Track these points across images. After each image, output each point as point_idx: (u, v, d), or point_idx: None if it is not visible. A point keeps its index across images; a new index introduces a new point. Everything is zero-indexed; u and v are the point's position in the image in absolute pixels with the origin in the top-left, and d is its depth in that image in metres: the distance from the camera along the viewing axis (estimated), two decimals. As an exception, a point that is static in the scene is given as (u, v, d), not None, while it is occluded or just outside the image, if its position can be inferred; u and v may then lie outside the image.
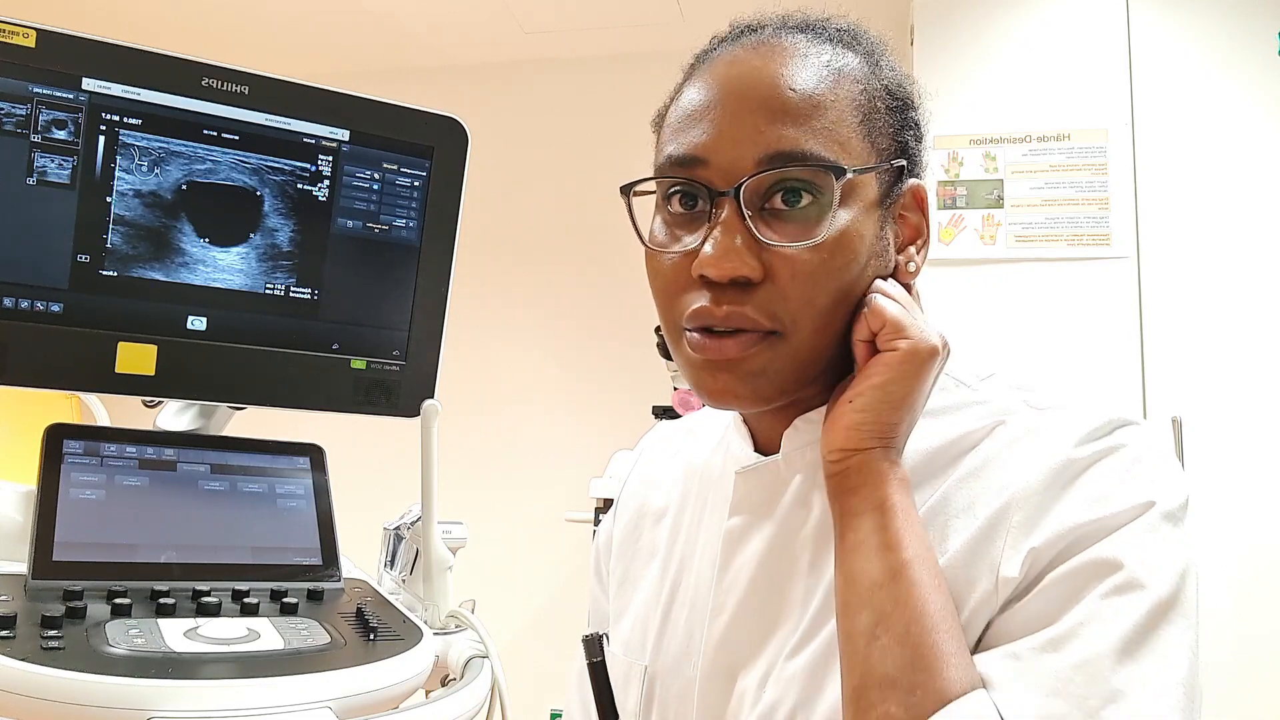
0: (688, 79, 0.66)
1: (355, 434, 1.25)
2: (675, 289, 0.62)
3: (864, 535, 0.57)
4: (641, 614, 0.75)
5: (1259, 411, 2.17)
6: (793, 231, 0.59)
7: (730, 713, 0.65)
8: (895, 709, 0.51)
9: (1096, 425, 0.59)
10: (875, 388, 0.59)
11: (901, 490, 0.58)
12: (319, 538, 0.75)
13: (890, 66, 0.66)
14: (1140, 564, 0.53)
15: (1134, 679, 0.49)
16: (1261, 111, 2.29)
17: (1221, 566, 2.06)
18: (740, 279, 0.58)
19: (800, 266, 0.59)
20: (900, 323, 0.59)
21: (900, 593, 0.54)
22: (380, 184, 0.79)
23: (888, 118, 0.64)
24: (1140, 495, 0.55)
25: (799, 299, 0.59)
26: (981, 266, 2.36)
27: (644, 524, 0.80)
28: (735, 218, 0.59)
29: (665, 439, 0.85)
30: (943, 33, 2.50)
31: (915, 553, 0.55)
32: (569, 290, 3.29)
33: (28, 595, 0.62)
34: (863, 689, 0.53)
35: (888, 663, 0.52)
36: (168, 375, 0.73)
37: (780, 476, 0.67)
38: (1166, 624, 0.51)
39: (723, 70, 0.62)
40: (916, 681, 0.51)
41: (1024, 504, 0.56)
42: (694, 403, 2.58)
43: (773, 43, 0.63)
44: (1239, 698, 2.00)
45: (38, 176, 0.68)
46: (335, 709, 0.58)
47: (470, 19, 3.15)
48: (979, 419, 0.63)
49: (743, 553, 0.68)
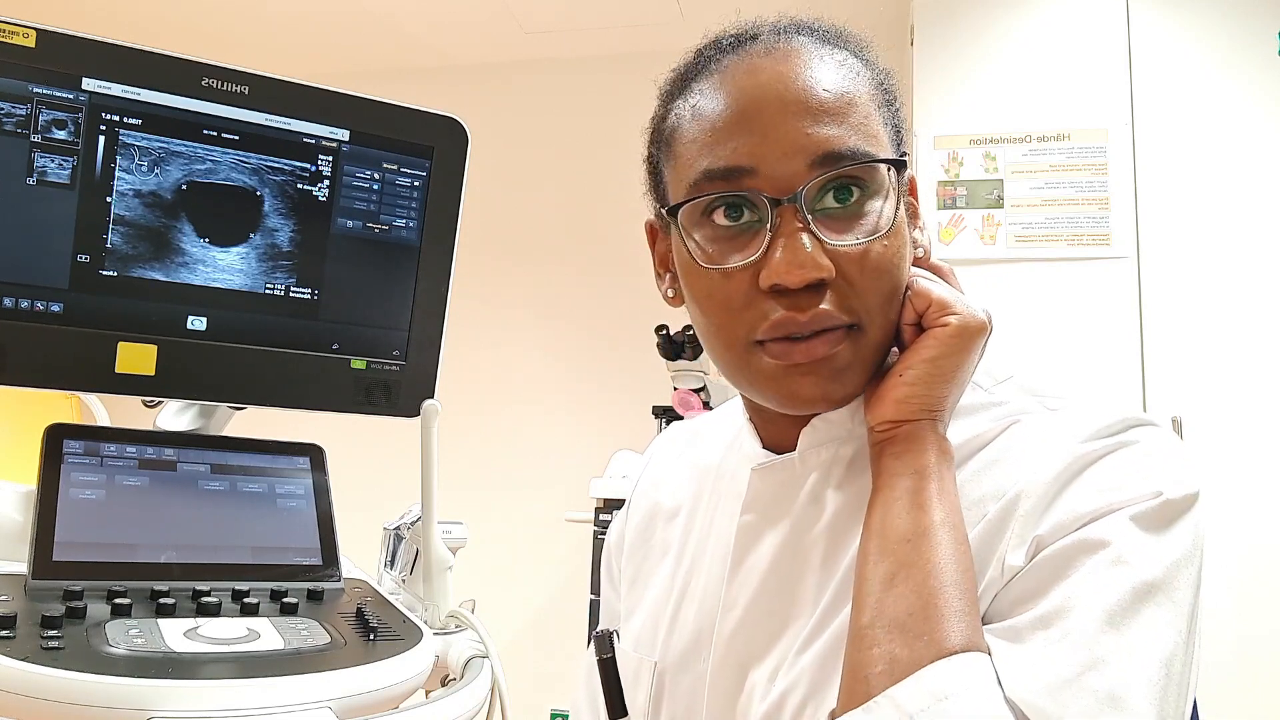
0: (690, 93, 0.65)
1: (355, 434, 1.25)
2: (739, 304, 0.61)
3: (899, 494, 0.58)
4: (652, 611, 0.76)
5: (1259, 411, 2.17)
6: (850, 227, 0.60)
7: (740, 707, 0.66)
8: (900, 650, 0.51)
9: (1110, 422, 0.59)
10: (926, 361, 0.60)
11: (942, 460, 0.59)
12: (319, 538, 0.75)
13: (876, 60, 0.67)
14: (1129, 543, 0.53)
15: (1116, 648, 0.50)
16: (1261, 111, 2.29)
17: (1222, 566, 2.06)
18: (815, 282, 0.59)
19: (869, 260, 0.60)
20: (946, 300, 0.61)
21: (925, 549, 0.54)
22: (380, 184, 0.79)
23: (889, 110, 0.65)
24: (1149, 486, 0.56)
25: (872, 291, 0.60)
26: (981, 266, 2.36)
27: (656, 523, 0.81)
28: (797, 222, 0.59)
29: (675, 441, 0.86)
30: (943, 33, 2.50)
31: (945, 517, 0.56)
32: (569, 290, 3.29)
33: (28, 595, 0.62)
34: (870, 627, 0.54)
35: (900, 608, 0.53)
36: (168, 375, 0.73)
37: (795, 474, 0.68)
38: (1153, 605, 0.52)
39: (745, 79, 0.62)
40: (924, 629, 0.52)
41: (1032, 495, 0.57)
42: (694, 402, 2.57)
43: (785, 48, 0.63)
44: (1239, 698, 2.00)
45: (38, 176, 0.68)
46: (335, 709, 0.58)
47: (470, 19, 3.15)
48: (992, 420, 0.64)
49: (756, 549, 0.68)
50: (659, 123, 0.69)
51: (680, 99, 0.66)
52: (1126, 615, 0.51)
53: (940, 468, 0.59)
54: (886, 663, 0.51)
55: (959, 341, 0.60)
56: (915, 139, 2.46)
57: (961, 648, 0.51)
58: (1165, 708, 0.50)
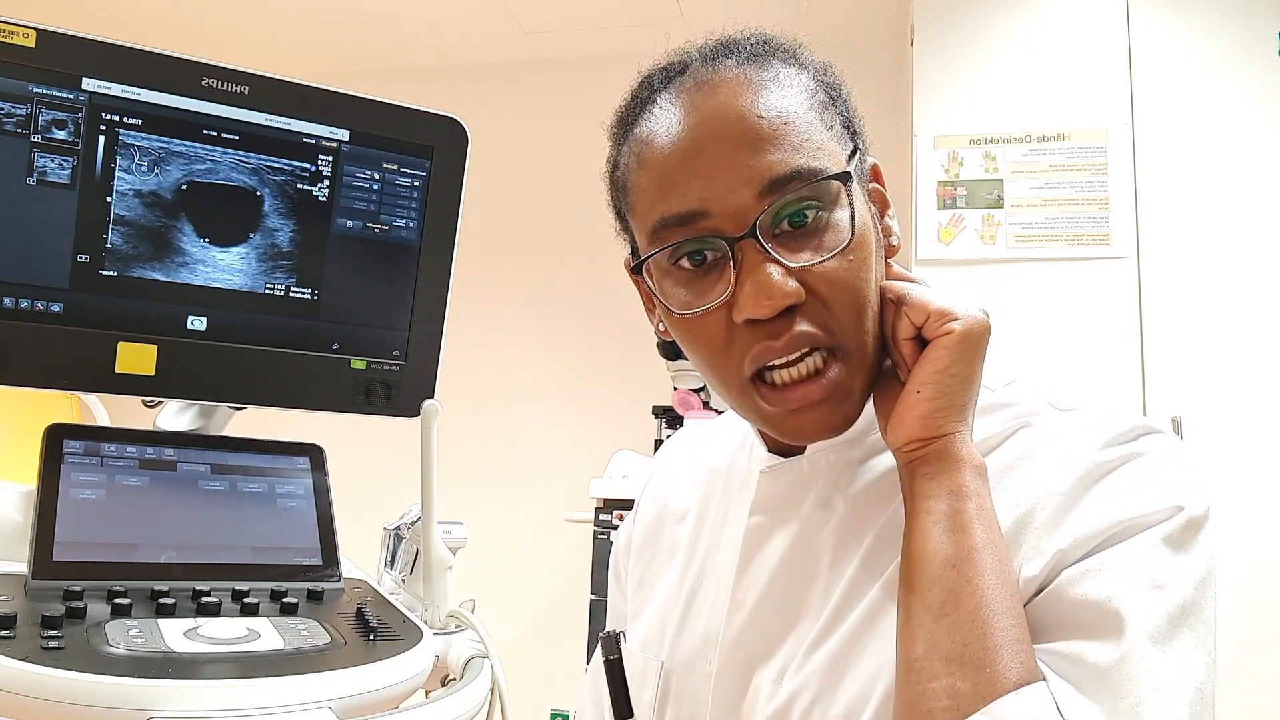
0: (633, 138, 0.65)
1: (355, 434, 1.25)
2: (721, 344, 0.61)
3: (938, 517, 0.57)
4: (660, 611, 0.76)
5: (1259, 411, 2.17)
6: (810, 244, 0.60)
7: (746, 707, 0.66)
8: (962, 684, 0.51)
9: (1122, 430, 0.59)
10: (940, 373, 0.59)
11: (977, 477, 0.58)
12: (319, 538, 0.75)
13: (809, 59, 0.67)
14: (1163, 566, 0.53)
15: (1166, 675, 0.50)
16: (1261, 111, 2.29)
17: (1222, 566, 2.05)
18: (786, 309, 0.58)
19: (835, 275, 0.60)
20: (945, 308, 0.60)
21: (971, 575, 0.54)
22: (380, 184, 0.79)
23: (832, 107, 0.65)
24: (1168, 500, 0.56)
25: (844, 305, 0.60)
26: (981, 266, 2.36)
27: (664, 525, 0.81)
28: (759, 254, 0.59)
29: (684, 444, 0.87)
30: (943, 33, 2.50)
31: (987, 538, 0.55)
32: (569, 290, 3.29)
33: (28, 595, 0.62)
34: (925, 659, 0.53)
35: (956, 639, 0.52)
36: (168, 375, 0.73)
37: (804, 477, 0.68)
38: (1188, 629, 0.52)
39: (681, 120, 0.62)
40: (984, 660, 0.51)
41: (1047, 506, 0.57)
42: (694, 402, 2.57)
43: (714, 79, 0.62)
44: (1239, 698, 2.00)
45: (38, 176, 0.68)
46: (335, 709, 0.58)
47: (470, 19, 3.15)
48: (1001, 422, 0.64)
49: (764, 551, 0.69)
50: (612, 169, 0.69)
51: (625, 144, 0.67)
52: (1168, 640, 0.51)
53: (977, 485, 0.58)
54: (950, 697, 0.51)
55: (967, 346, 0.60)
56: (915, 139, 2.46)
57: (1024, 680, 0.50)
58: None
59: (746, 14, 0.68)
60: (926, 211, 2.41)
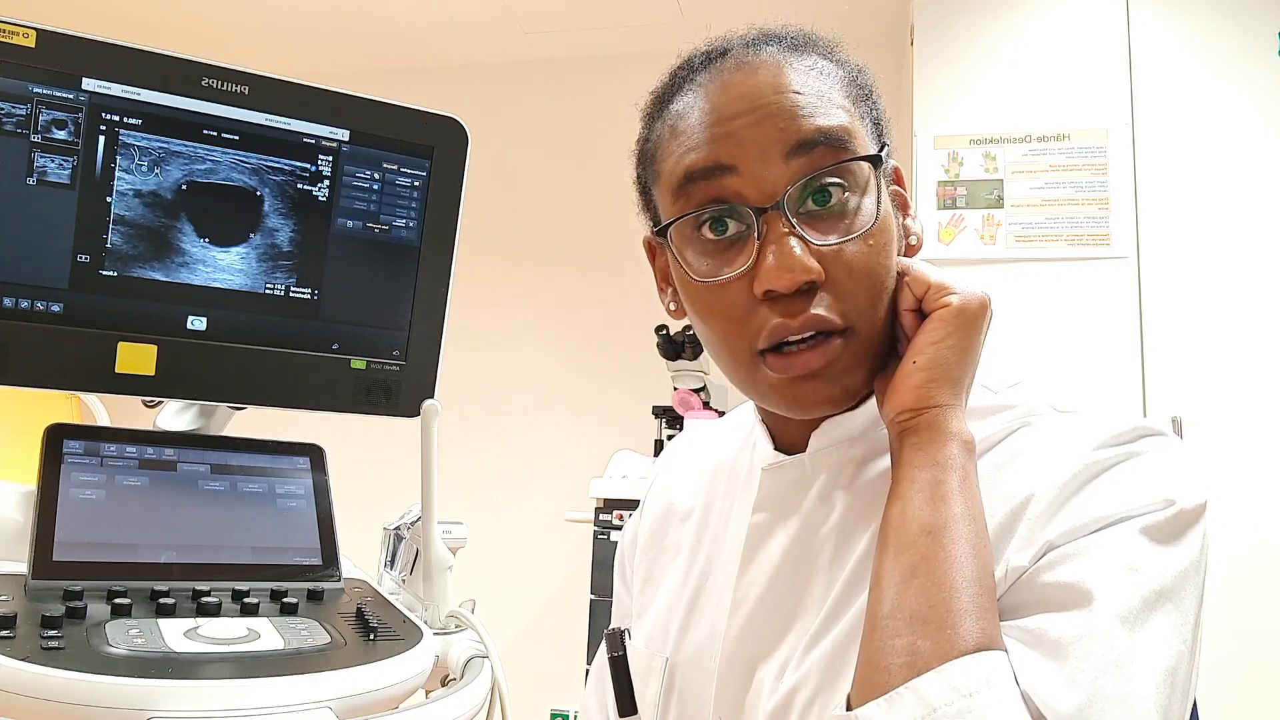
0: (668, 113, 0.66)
1: (355, 434, 1.25)
2: (738, 315, 0.62)
3: (920, 485, 0.57)
4: (665, 609, 0.77)
5: (1259, 411, 2.17)
6: (835, 226, 0.61)
7: (749, 702, 0.66)
8: (923, 642, 0.51)
9: (1121, 431, 0.59)
10: (935, 344, 0.60)
11: (964, 451, 0.59)
12: (319, 538, 0.75)
13: (845, 58, 0.68)
14: (1141, 552, 0.54)
15: (1128, 654, 0.50)
16: (1261, 111, 2.29)
17: (1222, 566, 2.06)
18: (806, 284, 0.59)
19: (856, 259, 0.60)
20: (944, 282, 0.62)
21: (946, 542, 0.54)
22: (380, 184, 0.79)
23: (865, 105, 0.66)
24: (1159, 494, 0.56)
25: (861, 290, 0.61)
26: (981, 266, 2.36)
27: (670, 523, 0.82)
28: (783, 227, 0.59)
29: (690, 443, 0.87)
30: (943, 33, 2.50)
31: (965, 509, 0.56)
32: (569, 290, 3.29)
33: (28, 595, 0.62)
34: (890, 618, 0.53)
35: (922, 600, 0.53)
36: (168, 375, 0.73)
37: (805, 474, 0.69)
38: (1162, 613, 0.52)
39: (719, 94, 0.63)
40: (947, 622, 0.51)
41: (1042, 499, 0.57)
42: (694, 402, 2.57)
43: (755, 60, 0.63)
44: (1239, 698, 2.00)
45: (38, 176, 0.68)
46: (335, 709, 0.58)
47: (470, 19, 3.15)
48: (1002, 423, 0.64)
49: (766, 548, 0.69)
50: (643, 144, 0.70)
51: (659, 119, 0.68)
52: (1138, 621, 0.51)
53: (963, 459, 0.58)
54: (909, 654, 0.51)
55: (963, 319, 0.61)
56: (915, 139, 2.46)
57: (983, 646, 0.51)
58: (1169, 715, 0.50)
59: (747, 14, 0.68)
60: (926, 212, 2.41)
